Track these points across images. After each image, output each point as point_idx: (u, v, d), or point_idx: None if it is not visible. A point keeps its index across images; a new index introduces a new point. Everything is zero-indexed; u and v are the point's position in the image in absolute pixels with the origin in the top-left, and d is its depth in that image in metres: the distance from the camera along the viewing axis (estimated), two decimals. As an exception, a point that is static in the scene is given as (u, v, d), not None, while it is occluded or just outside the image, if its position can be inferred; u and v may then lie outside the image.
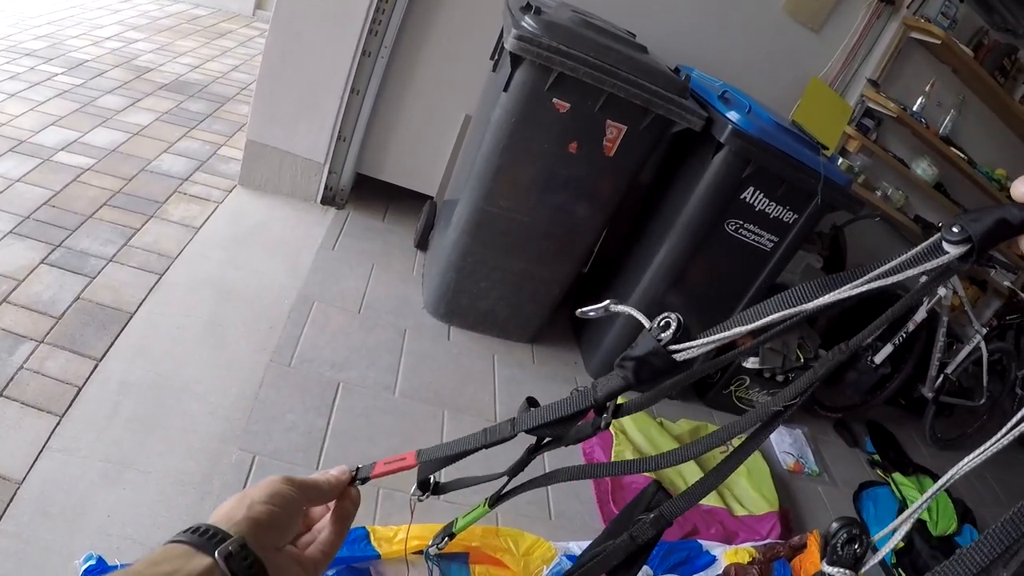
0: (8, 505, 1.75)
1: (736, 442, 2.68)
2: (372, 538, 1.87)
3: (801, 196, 2.67)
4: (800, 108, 2.90)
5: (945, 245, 0.57)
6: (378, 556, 1.85)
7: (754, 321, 0.60)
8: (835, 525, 0.64)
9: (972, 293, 4.43)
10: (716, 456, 2.84)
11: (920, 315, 3.37)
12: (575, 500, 2.46)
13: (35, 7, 5.84)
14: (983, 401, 3.86)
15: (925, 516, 2.94)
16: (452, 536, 1.30)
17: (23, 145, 3.42)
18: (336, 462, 0.63)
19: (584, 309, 0.72)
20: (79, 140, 3.62)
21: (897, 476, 3.21)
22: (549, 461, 2.26)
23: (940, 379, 3.63)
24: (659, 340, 0.63)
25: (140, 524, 1.82)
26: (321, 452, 2.19)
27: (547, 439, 0.73)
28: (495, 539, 2.02)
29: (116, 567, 1.62)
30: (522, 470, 0.84)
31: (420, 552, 1.91)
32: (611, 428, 2.69)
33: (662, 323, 0.64)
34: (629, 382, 0.67)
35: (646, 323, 0.66)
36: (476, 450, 0.72)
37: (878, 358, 3.49)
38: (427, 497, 0.81)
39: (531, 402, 0.69)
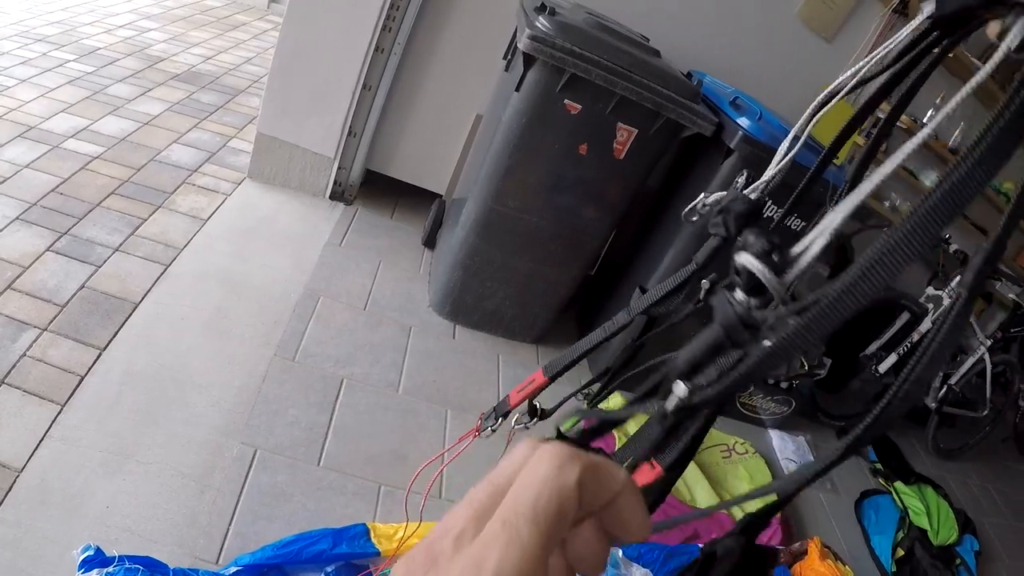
0: (7, 493, 1.76)
1: (740, 448, 2.68)
2: (372, 535, 1.87)
3: (809, 204, 2.64)
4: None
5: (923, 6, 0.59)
6: (378, 553, 1.84)
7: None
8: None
9: (977, 305, 4.42)
10: (719, 462, 2.85)
11: (925, 325, 3.36)
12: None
13: (49, -7, 5.85)
14: (986, 412, 3.85)
15: (926, 525, 2.94)
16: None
17: (32, 131, 3.43)
18: (337, 459, 0.55)
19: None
20: (89, 128, 3.63)
21: (899, 485, 3.19)
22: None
23: (944, 390, 3.63)
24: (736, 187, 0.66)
25: (139, 516, 1.82)
26: (323, 448, 2.19)
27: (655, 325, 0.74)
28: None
29: (114, 558, 1.62)
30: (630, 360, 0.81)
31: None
32: (614, 431, 2.70)
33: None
34: (723, 235, 0.67)
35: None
36: (599, 344, 0.71)
37: (882, 367, 3.49)
38: (535, 423, 0.73)
39: (642, 289, 0.68)
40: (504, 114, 2.60)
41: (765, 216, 2.67)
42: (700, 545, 2.36)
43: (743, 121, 2.56)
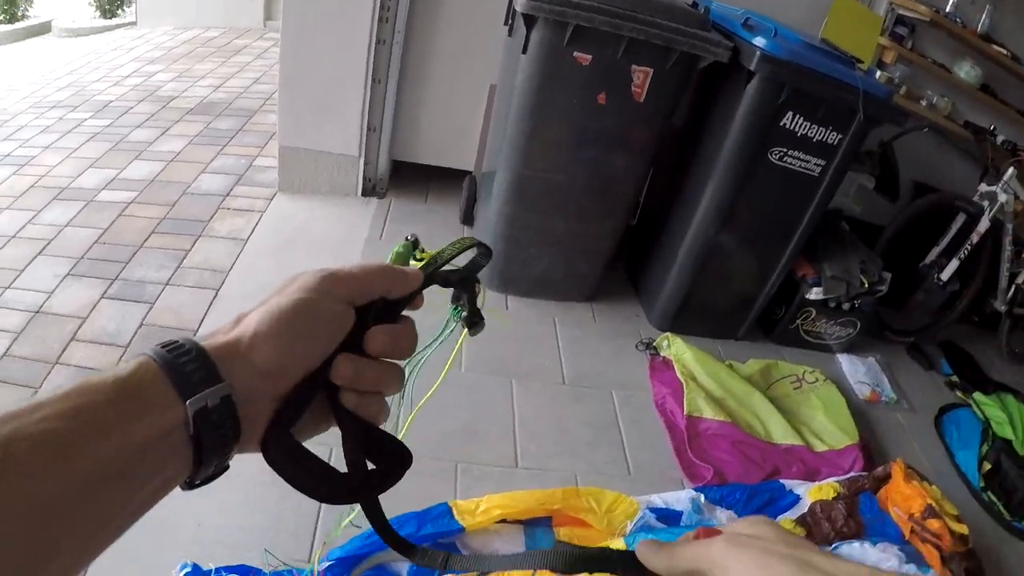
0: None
1: (809, 377, 2.63)
2: (455, 513, 1.87)
3: (843, 115, 2.59)
4: (828, 26, 2.82)
5: None
6: (463, 529, 1.84)
7: None
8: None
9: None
10: (790, 393, 2.81)
11: (983, 225, 3.24)
12: (651, 452, 2.43)
13: (53, 62, 6.00)
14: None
15: (1011, 435, 2.84)
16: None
17: (66, 191, 3.52)
18: (414, 440, 0.56)
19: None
20: (118, 177, 3.70)
21: (978, 396, 3.09)
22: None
23: (1012, 290, 3.50)
24: None
25: (229, 529, 1.84)
26: (398, 433, 2.19)
27: None
28: (577, 499, 2.00)
29: (210, 571, 1.64)
30: None
31: (504, 521, 1.90)
32: (680, 376, 2.68)
33: None
34: None
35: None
36: None
37: (944, 275, 3.38)
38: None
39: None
40: (516, 79, 2.58)
41: (796, 132, 2.61)
42: (782, 482, 2.33)
43: (759, 41, 2.50)
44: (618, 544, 1.81)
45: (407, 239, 0.65)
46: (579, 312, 3.10)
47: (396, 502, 1.95)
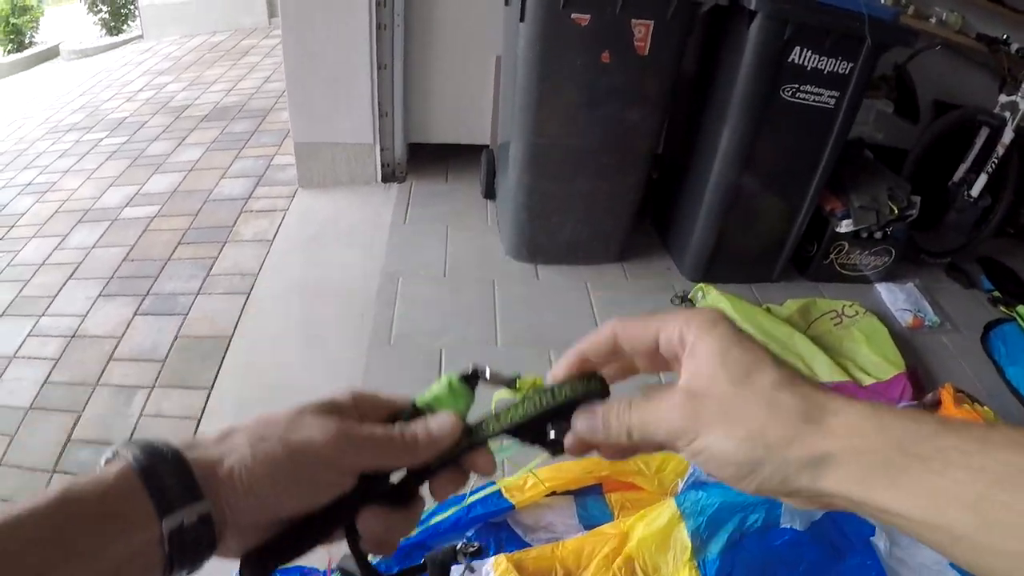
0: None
1: (849, 311, 2.60)
2: (504, 492, 1.85)
3: (851, 43, 2.54)
4: (827, -48, 2.76)
5: None
6: (512, 507, 1.85)
7: None
8: None
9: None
10: (831, 330, 2.79)
11: (1007, 136, 3.18)
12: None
13: (64, 85, 6.08)
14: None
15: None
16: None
17: (89, 213, 3.59)
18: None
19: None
20: (140, 192, 3.76)
21: (1022, 308, 3.06)
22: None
23: (1049, 194, 3.44)
24: None
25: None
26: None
27: None
28: (624, 463, 2.01)
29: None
30: None
31: (554, 493, 1.91)
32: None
33: None
34: None
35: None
36: None
37: (974, 191, 3.32)
38: None
39: None
40: (518, 48, 2.57)
41: (806, 67, 2.57)
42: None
43: (757, -22, 2.46)
44: (669, 504, 1.81)
45: (458, 379, 0.54)
46: (610, 273, 3.10)
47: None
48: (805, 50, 2.54)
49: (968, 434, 0.36)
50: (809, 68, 2.58)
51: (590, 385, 0.49)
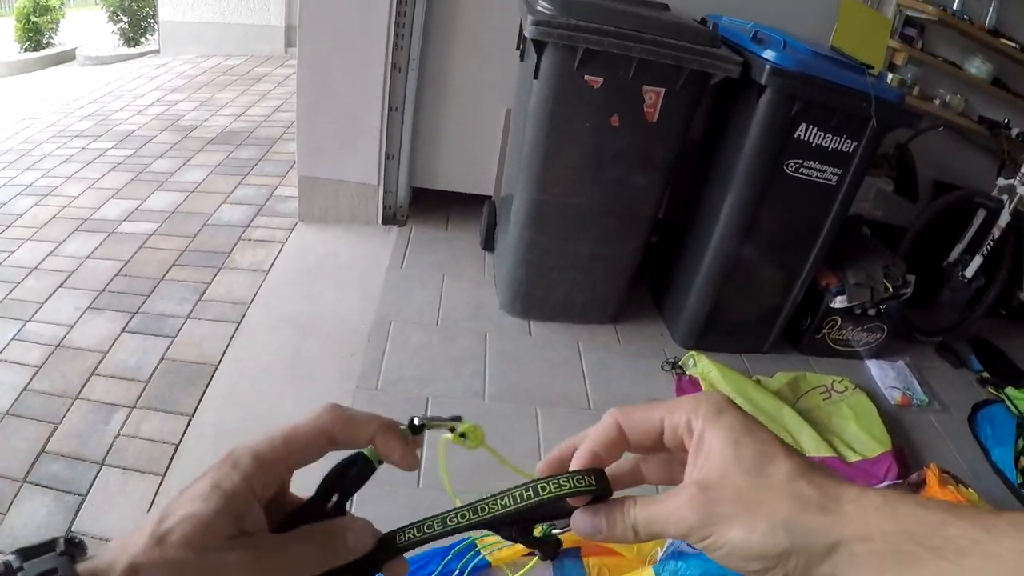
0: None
1: (838, 386, 2.60)
2: (479, 547, 1.83)
3: (856, 122, 2.57)
4: (838, 33, 2.80)
5: None
6: (488, 564, 1.83)
7: None
8: None
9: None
10: (820, 405, 2.79)
11: (1003, 219, 3.22)
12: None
13: (76, 90, 6.10)
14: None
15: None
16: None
17: (87, 222, 3.58)
18: (437, 477, 0.53)
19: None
20: (139, 208, 3.76)
21: (1010, 391, 3.06)
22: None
23: (1039, 279, 3.47)
24: None
25: None
26: (420, 470, 2.20)
27: None
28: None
29: None
30: None
31: (531, 553, 1.88)
32: (702, 386, 2.67)
33: None
34: None
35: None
36: None
37: (969, 272, 3.35)
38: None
39: None
40: (529, 104, 2.59)
41: (811, 143, 2.60)
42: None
43: (768, 54, 2.49)
44: (648, 573, 1.80)
45: (408, 430, 0.51)
46: (603, 334, 3.09)
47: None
48: (811, 127, 2.56)
49: (975, 522, 0.36)
50: (814, 144, 2.60)
51: (590, 481, 0.45)
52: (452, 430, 0.51)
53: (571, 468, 0.47)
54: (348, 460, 0.50)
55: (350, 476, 0.50)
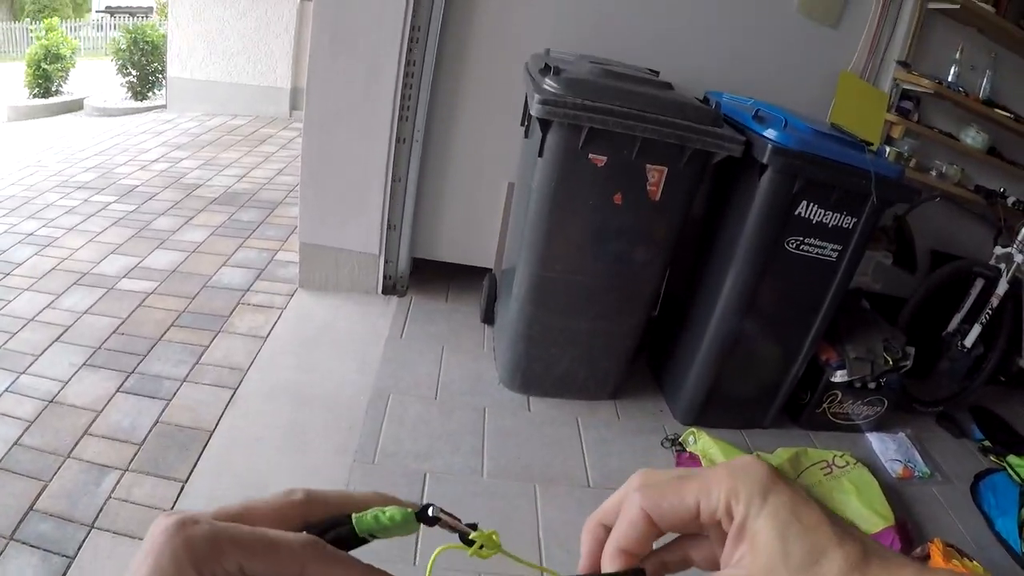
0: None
1: (839, 461, 2.58)
2: None
3: (856, 199, 2.59)
4: (836, 108, 2.84)
5: None
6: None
7: None
8: None
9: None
10: (821, 480, 2.77)
11: (1001, 288, 3.25)
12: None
13: (82, 141, 6.14)
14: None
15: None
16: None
17: (86, 277, 3.57)
18: (432, 554, 0.47)
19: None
20: (139, 265, 3.75)
21: (1012, 459, 3.04)
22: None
23: (1040, 346, 3.47)
24: None
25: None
26: (416, 547, 2.16)
27: None
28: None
29: None
30: None
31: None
32: (702, 463, 2.64)
33: None
34: None
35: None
36: None
37: (968, 341, 3.36)
38: None
39: None
40: (533, 180, 2.61)
41: (811, 220, 2.61)
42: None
43: (770, 133, 2.51)
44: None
45: (416, 516, 0.44)
46: (603, 410, 3.07)
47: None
48: (812, 204, 2.58)
49: None
50: (815, 221, 2.62)
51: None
52: (465, 536, 0.45)
53: (604, 570, 0.44)
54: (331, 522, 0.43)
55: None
